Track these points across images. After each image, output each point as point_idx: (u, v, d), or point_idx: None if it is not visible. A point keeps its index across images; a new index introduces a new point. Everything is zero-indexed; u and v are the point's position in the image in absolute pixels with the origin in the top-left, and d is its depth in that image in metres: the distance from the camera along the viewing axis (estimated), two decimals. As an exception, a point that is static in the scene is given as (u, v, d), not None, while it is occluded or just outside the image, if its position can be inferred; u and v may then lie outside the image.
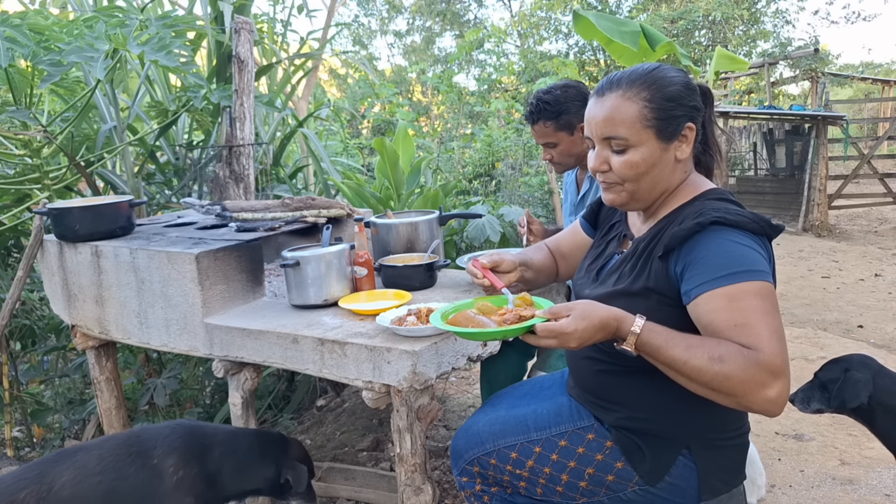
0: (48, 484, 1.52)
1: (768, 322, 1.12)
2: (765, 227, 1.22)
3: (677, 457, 1.33)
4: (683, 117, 1.29)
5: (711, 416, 1.32)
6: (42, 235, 2.44)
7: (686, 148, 1.31)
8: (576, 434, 1.42)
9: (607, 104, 1.29)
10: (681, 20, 14.82)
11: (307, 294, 2.00)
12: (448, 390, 3.45)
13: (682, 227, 1.23)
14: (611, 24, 3.43)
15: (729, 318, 1.13)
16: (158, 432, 1.66)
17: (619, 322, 1.18)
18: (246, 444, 1.75)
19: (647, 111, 1.26)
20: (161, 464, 1.57)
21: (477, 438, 1.54)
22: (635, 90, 1.27)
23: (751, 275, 1.15)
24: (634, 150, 1.28)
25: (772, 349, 1.10)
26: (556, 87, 2.12)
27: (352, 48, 19.20)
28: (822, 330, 4.55)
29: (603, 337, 1.18)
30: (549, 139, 2.15)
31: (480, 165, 6.22)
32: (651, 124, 1.26)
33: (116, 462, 1.56)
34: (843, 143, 9.92)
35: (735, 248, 1.18)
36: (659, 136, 1.27)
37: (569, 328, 1.16)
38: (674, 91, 1.28)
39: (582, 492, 1.40)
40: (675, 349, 1.14)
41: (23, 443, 3.17)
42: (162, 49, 2.56)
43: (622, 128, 1.27)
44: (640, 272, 1.30)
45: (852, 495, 2.32)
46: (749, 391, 1.09)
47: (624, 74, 1.30)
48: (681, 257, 1.23)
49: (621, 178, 1.30)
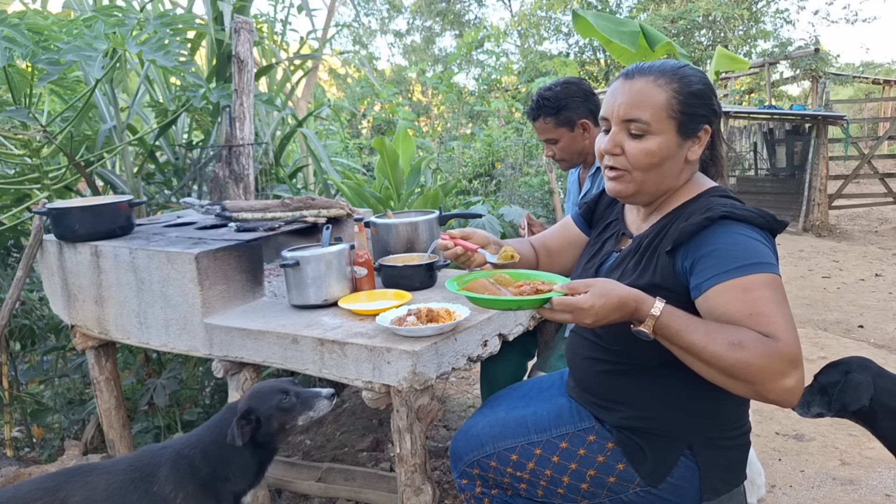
0: (62, 499, 1.53)
1: (783, 312, 1.12)
2: (770, 222, 1.22)
3: (679, 457, 1.33)
4: (703, 118, 1.29)
5: (713, 416, 1.32)
6: (42, 235, 2.43)
7: (698, 149, 1.31)
8: (577, 436, 1.42)
9: (636, 87, 1.27)
10: (681, 20, 14.82)
11: (307, 294, 2.00)
12: (448, 390, 3.45)
13: (690, 222, 1.22)
14: (610, 24, 3.42)
15: (744, 308, 1.12)
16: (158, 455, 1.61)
17: (639, 303, 1.15)
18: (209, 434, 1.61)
19: (675, 102, 1.26)
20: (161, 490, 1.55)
21: (477, 441, 1.53)
22: (666, 80, 1.27)
23: (762, 266, 1.15)
24: (653, 138, 1.26)
25: (789, 338, 1.09)
26: (557, 84, 2.14)
27: (352, 48, 19.20)
28: (823, 330, 4.54)
29: (619, 317, 1.16)
30: (550, 135, 2.17)
31: (480, 165, 6.22)
32: (675, 116, 1.26)
33: (121, 488, 1.55)
34: (843, 143, 9.92)
35: (745, 241, 1.18)
36: (679, 130, 1.27)
37: (586, 304, 1.13)
38: (700, 90, 1.28)
39: (583, 494, 1.40)
40: (695, 334, 1.13)
41: (22, 443, 3.16)
42: (160, 49, 2.56)
43: (648, 112, 1.25)
44: (646, 268, 1.29)
45: (852, 495, 2.31)
46: (768, 379, 1.08)
47: (655, 64, 1.30)
48: (689, 252, 1.22)
49: (633, 164, 1.28)
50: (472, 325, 1.78)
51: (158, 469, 1.57)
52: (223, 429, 1.57)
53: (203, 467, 1.57)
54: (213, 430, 1.61)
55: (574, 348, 1.50)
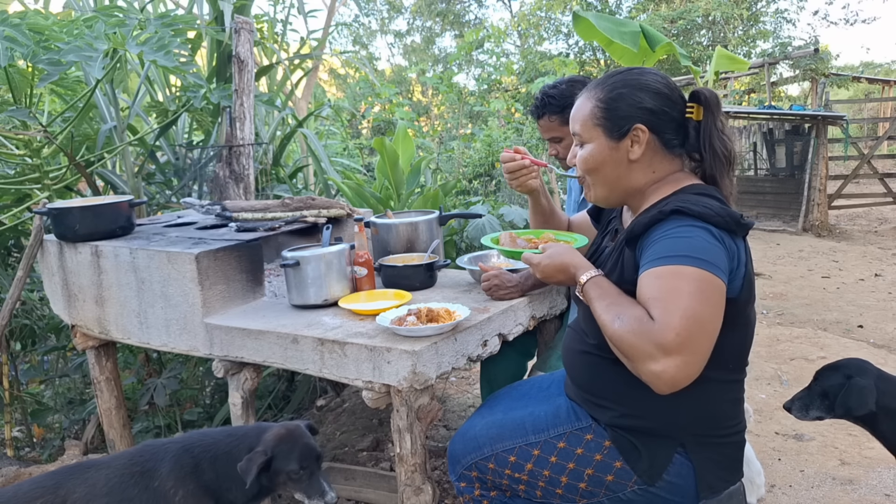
0: (62, 497, 1.52)
1: (681, 303, 1.12)
2: (729, 222, 1.22)
3: (673, 454, 1.33)
4: (630, 118, 1.33)
5: (701, 414, 1.32)
6: (42, 235, 2.43)
7: (637, 149, 1.35)
8: (574, 435, 1.42)
9: (577, 103, 1.42)
10: (680, 20, 14.82)
11: (307, 294, 2.00)
12: (448, 390, 3.45)
13: (644, 217, 1.29)
14: (610, 25, 3.42)
15: (649, 292, 1.17)
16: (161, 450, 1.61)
17: (576, 269, 1.34)
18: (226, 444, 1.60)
19: (597, 110, 1.36)
20: (162, 486, 1.54)
21: (474, 443, 1.54)
22: (595, 91, 1.38)
23: (689, 260, 1.16)
24: (587, 146, 1.39)
25: (668, 324, 1.10)
26: (562, 82, 2.13)
27: (352, 48, 19.20)
28: (822, 330, 4.55)
29: (563, 278, 1.39)
30: (555, 133, 2.16)
31: (480, 165, 6.21)
32: (599, 122, 1.36)
33: (121, 483, 1.54)
34: (843, 143, 9.92)
35: (687, 235, 1.20)
36: (607, 135, 1.36)
37: (536, 260, 1.43)
38: (620, 94, 1.35)
39: (581, 493, 1.40)
40: (601, 302, 1.25)
41: (23, 443, 3.16)
42: (161, 49, 2.56)
43: (578, 124, 1.40)
44: (616, 263, 1.36)
45: (852, 495, 2.32)
46: (637, 357, 1.13)
47: (601, 77, 1.43)
48: (642, 245, 1.28)
49: (581, 171, 1.42)
50: (472, 325, 1.79)
51: (160, 464, 1.56)
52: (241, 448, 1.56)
53: (208, 471, 1.56)
54: (232, 442, 1.59)
55: (567, 343, 1.52)
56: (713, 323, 1.15)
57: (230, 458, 1.56)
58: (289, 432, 1.59)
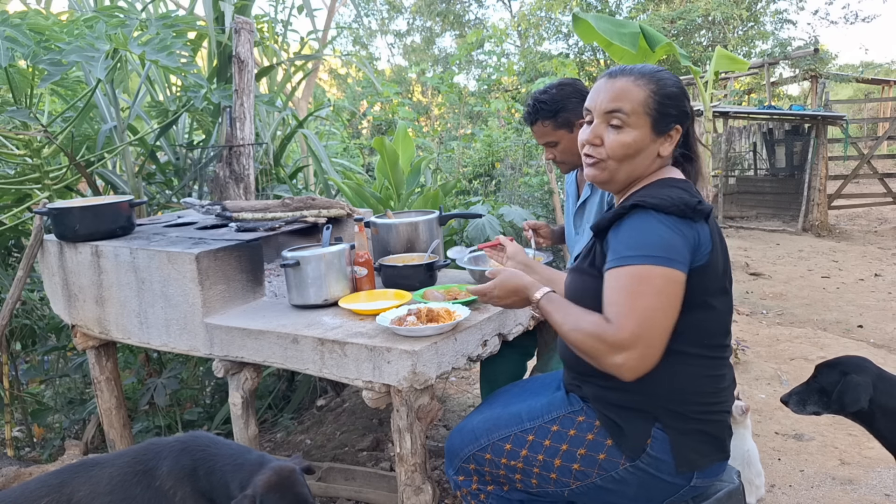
0: (67, 495, 1.52)
1: (633, 303, 1.22)
2: (684, 209, 1.28)
3: (651, 429, 1.37)
4: (675, 118, 1.40)
5: (677, 387, 1.35)
6: (42, 235, 2.44)
7: (668, 146, 1.41)
8: (567, 418, 1.46)
9: (618, 84, 1.39)
10: (680, 20, 14.83)
11: (307, 294, 2.00)
12: (448, 390, 3.45)
13: (609, 212, 1.36)
14: (610, 26, 3.42)
15: (608, 294, 1.28)
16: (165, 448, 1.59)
17: (528, 290, 1.46)
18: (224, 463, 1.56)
19: (651, 101, 1.37)
20: (162, 486, 1.53)
21: (471, 435, 1.56)
22: (645, 80, 1.38)
23: (644, 259, 1.24)
24: (630, 131, 1.37)
25: (621, 325, 1.21)
26: (552, 87, 2.12)
27: (352, 48, 19.20)
28: (822, 330, 4.55)
29: (517, 299, 1.50)
30: (550, 138, 2.15)
31: (480, 165, 6.21)
32: (650, 113, 1.37)
33: (124, 481, 1.54)
34: (842, 143, 9.92)
35: (645, 230, 1.27)
36: (653, 127, 1.38)
37: (485, 289, 1.54)
38: (673, 93, 1.39)
39: (575, 475, 1.43)
40: (557, 314, 1.36)
41: (23, 443, 3.17)
42: (163, 49, 2.56)
43: (628, 104, 1.37)
44: (589, 252, 1.43)
45: (852, 495, 2.32)
46: (597, 356, 1.25)
47: (636, 67, 1.42)
48: (608, 239, 1.34)
49: (610, 154, 1.39)
50: (472, 325, 1.79)
51: (161, 463, 1.56)
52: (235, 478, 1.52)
53: (203, 480, 1.55)
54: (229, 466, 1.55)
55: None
56: (668, 316, 1.25)
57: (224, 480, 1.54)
58: (280, 480, 1.52)
